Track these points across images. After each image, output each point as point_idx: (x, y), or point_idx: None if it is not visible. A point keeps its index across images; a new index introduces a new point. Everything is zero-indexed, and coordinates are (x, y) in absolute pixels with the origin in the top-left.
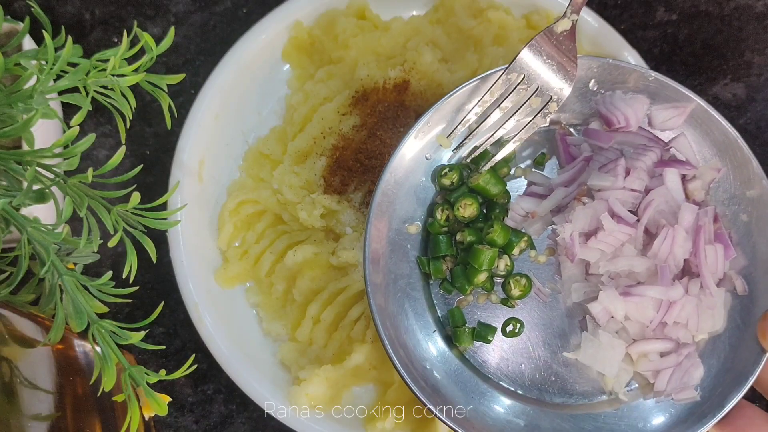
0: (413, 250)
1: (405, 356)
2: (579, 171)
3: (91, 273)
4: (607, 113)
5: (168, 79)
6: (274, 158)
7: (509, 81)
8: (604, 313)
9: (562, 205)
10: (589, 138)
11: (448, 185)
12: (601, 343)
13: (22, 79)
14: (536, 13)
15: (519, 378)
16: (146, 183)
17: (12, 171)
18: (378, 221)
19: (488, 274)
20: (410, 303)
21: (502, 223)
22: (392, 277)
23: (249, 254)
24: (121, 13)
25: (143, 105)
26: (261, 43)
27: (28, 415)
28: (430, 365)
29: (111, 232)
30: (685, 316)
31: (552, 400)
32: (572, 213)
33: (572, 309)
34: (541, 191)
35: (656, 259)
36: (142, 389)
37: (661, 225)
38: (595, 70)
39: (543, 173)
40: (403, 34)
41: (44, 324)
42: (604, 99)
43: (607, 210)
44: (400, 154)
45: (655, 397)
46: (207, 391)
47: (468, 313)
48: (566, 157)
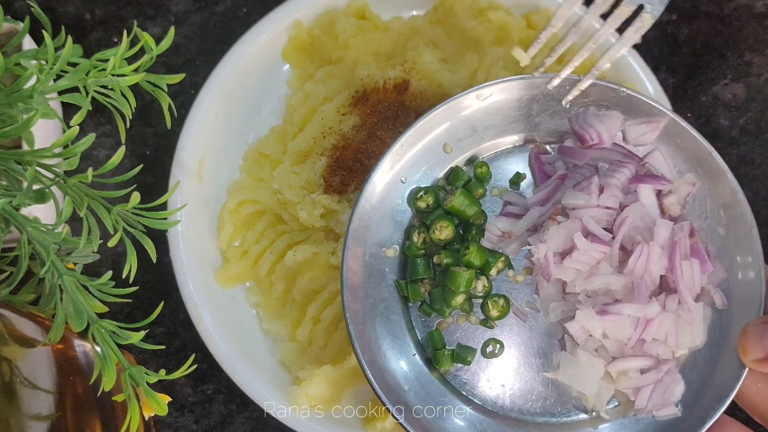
0: (391, 274)
1: (383, 379)
2: (554, 189)
3: (91, 273)
4: (580, 130)
5: (168, 79)
6: (274, 158)
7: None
8: (582, 331)
9: (538, 225)
10: (563, 156)
11: (424, 208)
12: (580, 362)
13: (22, 79)
14: (536, 13)
15: (500, 398)
16: (146, 183)
17: (12, 171)
18: (354, 247)
19: (466, 295)
20: (389, 327)
21: (478, 244)
22: (371, 301)
23: (249, 254)
24: (121, 13)
25: (143, 105)
26: (261, 43)
27: (28, 415)
28: (408, 387)
29: (111, 232)
30: (663, 332)
31: (534, 419)
32: (546, 233)
33: (551, 328)
34: (517, 210)
35: (632, 276)
36: (142, 389)
37: (637, 242)
38: (568, 88)
39: (519, 192)
40: (403, 34)
41: (44, 324)
42: (578, 116)
43: (580, 229)
44: (374, 180)
45: (636, 414)
46: (207, 391)
47: (448, 335)
48: (541, 176)
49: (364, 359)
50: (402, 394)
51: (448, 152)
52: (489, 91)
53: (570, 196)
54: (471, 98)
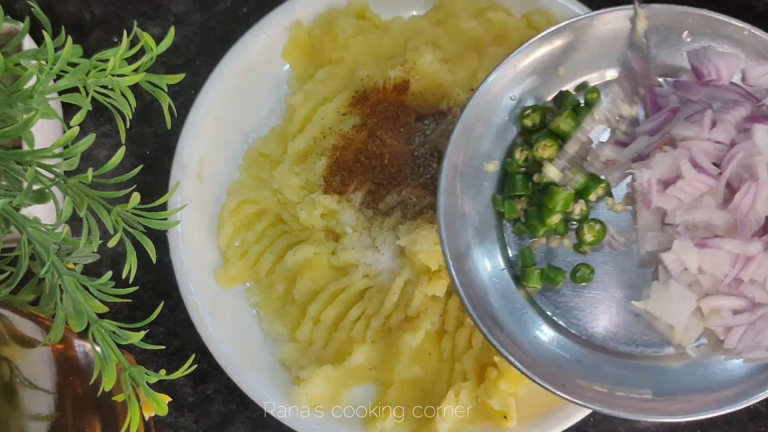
0: (489, 189)
1: (469, 287)
2: (664, 121)
3: (91, 273)
4: (698, 65)
5: (168, 79)
6: (274, 158)
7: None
8: (677, 263)
9: (644, 154)
10: (678, 90)
11: (530, 126)
12: (672, 294)
13: (22, 79)
14: (536, 13)
15: (586, 324)
16: (146, 183)
17: (12, 171)
18: (455, 155)
19: (562, 216)
20: (481, 239)
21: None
22: (466, 209)
23: (249, 254)
24: (121, 13)
25: (143, 105)
26: (261, 43)
27: (28, 415)
28: (494, 300)
29: (111, 232)
30: (762, 274)
31: (617, 348)
32: (652, 159)
33: (645, 259)
34: (624, 139)
35: (737, 213)
36: (142, 389)
37: (744, 179)
38: (690, 22)
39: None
40: (403, 34)
41: (44, 324)
42: (697, 51)
43: (688, 158)
44: (484, 91)
45: (725, 354)
46: (207, 391)
47: (539, 255)
48: (653, 108)
49: (452, 264)
50: (487, 306)
51: (561, 75)
52: (609, 18)
53: (681, 126)
54: (590, 23)
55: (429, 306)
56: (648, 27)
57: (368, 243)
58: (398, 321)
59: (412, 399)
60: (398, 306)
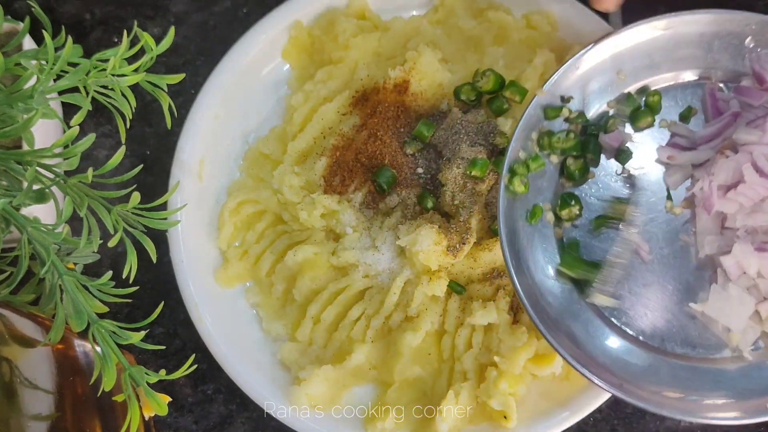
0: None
1: (528, 283)
2: (725, 126)
3: (91, 273)
4: (760, 70)
5: (168, 79)
6: (274, 158)
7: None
8: (737, 267)
9: (705, 159)
10: (739, 95)
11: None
12: (730, 296)
13: (22, 79)
14: (536, 13)
15: (643, 325)
16: (146, 183)
17: (12, 171)
18: (516, 152)
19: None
20: (542, 239)
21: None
22: (528, 209)
23: (249, 254)
24: (121, 13)
25: (143, 105)
26: (261, 43)
27: (28, 415)
28: (552, 299)
29: (111, 232)
30: None
31: (673, 349)
32: (714, 165)
33: (703, 262)
34: (684, 143)
35: None
36: (142, 389)
37: None
38: (753, 27)
39: (688, 127)
40: (403, 34)
41: (44, 324)
42: (759, 56)
43: (750, 162)
44: (545, 90)
45: None
46: (207, 391)
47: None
48: (714, 112)
49: (512, 264)
50: (546, 306)
51: (622, 78)
52: (674, 22)
53: (742, 131)
54: (655, 26)
55: (429, 306)
56: (713, 32)
57: (368, 243)
58: (398, 321)
59: (412, 399)
60: (398, 306)
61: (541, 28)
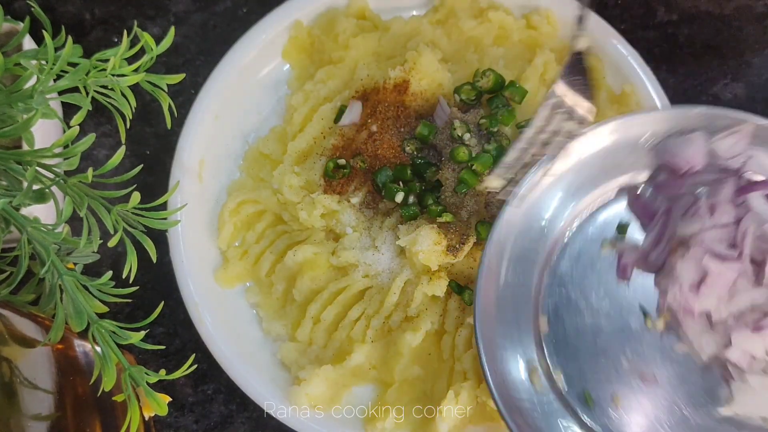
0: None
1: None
2: (663, 225)
3: (91, 273)
4: (670, 161)
5: (168, 79)
6: (274, 158)
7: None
8: (744, 355)
9: (658, 265)
10: (660, 191)
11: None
12: (753, 387)
13: (22, 79)
14: (536, 13)
15: None
16: (146, 183)
17: (12, 171)
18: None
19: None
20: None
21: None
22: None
23: (249, 254)
24: (121, 13)
25: (143, 105)
26: (261, 43)
27: (28, 415)
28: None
29: (111, 232)
30: None
31: None
32: (674, 269)
33: (709, 363)
34: (633, 257)
35: None
36: (142, 389)
37: (765, 250)
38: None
39: (630, 240)
40: (403, 34)
41: (44, 324)
42: (658, 149)
43: (706, 252)
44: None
45: None
46: (207, 391)
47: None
48: (646, 217)
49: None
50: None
51: (544, 225)
52: (569, 151)
53: (683, 225)
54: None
55: (429, 306)
56: (612, 142)
57: (368, 243)
58: (398, 321)
59: (412, 399)
60: (398, 306)
61: (541, 28)
